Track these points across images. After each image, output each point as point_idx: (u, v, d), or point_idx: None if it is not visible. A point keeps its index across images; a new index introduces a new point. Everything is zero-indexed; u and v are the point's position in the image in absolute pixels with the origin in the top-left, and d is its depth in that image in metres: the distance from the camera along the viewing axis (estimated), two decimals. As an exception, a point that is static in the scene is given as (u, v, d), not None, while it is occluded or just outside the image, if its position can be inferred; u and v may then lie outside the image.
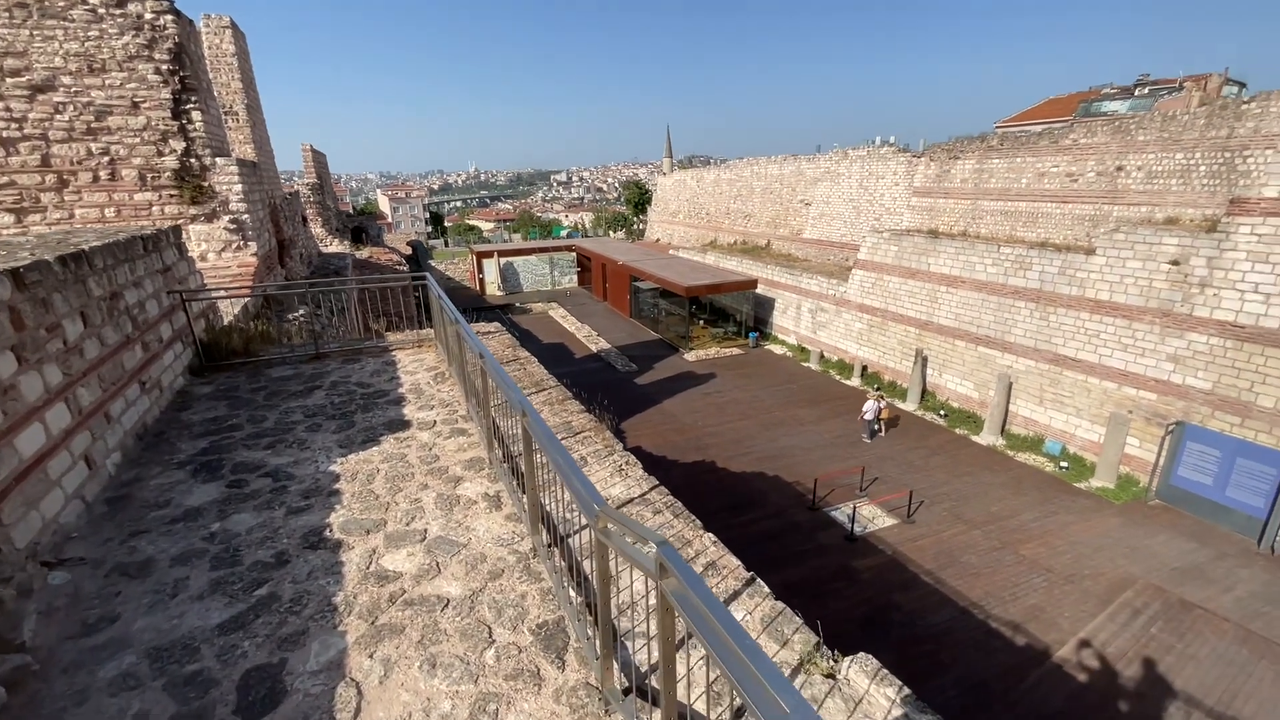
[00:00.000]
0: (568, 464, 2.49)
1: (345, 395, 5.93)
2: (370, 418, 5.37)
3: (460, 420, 5.31)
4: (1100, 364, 15.94)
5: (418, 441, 4.92)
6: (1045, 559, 12.68)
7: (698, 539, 3.53)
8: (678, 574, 1.51)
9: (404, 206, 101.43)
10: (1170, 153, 15.39)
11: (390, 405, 5.66)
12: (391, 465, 4.50)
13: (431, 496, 4.08)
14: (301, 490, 4.12)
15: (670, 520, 3.74)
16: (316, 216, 28.93)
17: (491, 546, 3.54)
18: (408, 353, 7.38)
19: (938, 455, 17.50)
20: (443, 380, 6.36)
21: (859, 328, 23.94)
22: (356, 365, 6.79)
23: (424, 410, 5.56)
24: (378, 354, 7.25)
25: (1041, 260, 17.04)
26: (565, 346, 28.59)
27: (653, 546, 1.61)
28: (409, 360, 7.08)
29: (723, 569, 3.28)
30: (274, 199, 14.74)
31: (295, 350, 7.19)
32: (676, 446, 18.03)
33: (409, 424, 5.24)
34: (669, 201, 47.35)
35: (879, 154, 26.65)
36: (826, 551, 13.20)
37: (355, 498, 4.03)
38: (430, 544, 3.56)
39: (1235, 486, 13.26)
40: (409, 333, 7.94)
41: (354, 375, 6.51)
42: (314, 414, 5.45)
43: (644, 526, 1.74)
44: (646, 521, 3.70)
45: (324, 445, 4.82)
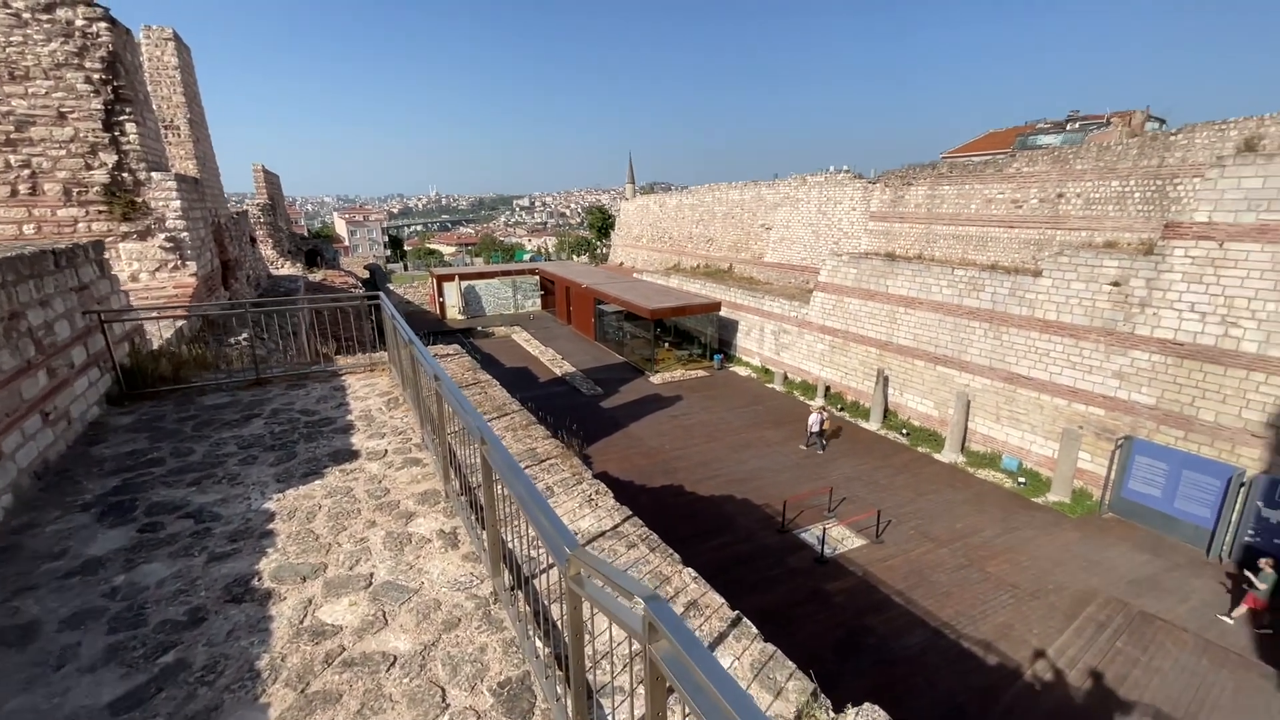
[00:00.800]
0: (533, 498, 2.17)
1: (287, 424, 5.42)
2: (314, 448, 4.89)
3: (414, 449, 4.89)
4: (1051, 381, 16.48)
5: (366, 473, 4.47)
6: (1010, 575, 12.79)
7: (676, 575, 3.23)
8: (671, 637, 1.23)
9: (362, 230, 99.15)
10: (1106, 180, 16.30)
11: (337, 434, 5.19)
12: (335, 501, 4.05)
13: (380, 535, 3.66)
14: (228, 533, 3.63)
15: (646, 555, 3.42)
16: (267, 238, 27.80)
17: (447, 591, 3.15)
18: (359, 377, 6.89)
19: (902, 474, 17.66)
20: (396, 406, 5.91)
21: (821, 349, 24.28)
22: (301, 391, 6.26)
23: (374, 439, 5.11)
24: (325, 379, 6.74)
25: (993, 282, 17.65)
26: (529, 370, 28.02)
27: (639, 602, 1.32)
28: (360, 385, 6.59)
29: (705, 609, 2.98)
30: (218, 218, 13.97)
31: (233, 376, 6.60)
32: (644, 471, 17.68)
33: (357, 454, 4.78)
34: (632, 226, 47.69)
35: (836, 180, 27.47)
36: (798, 575, 12.99)
37: (292, 539, 3.57)
38: (376, 591, 3.15)
39: (1183, 498, 13.75)
40: (360, 356, 7.44)
41: (298, 402, 5.99)
42: (250, 445, 4.93)
43: (628, 577, 1.45)
44: (619, 557, 3.38)
45: (259, 480, 4.32)
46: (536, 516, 2.08)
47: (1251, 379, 12.70)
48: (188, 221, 10.88)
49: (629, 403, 23.76)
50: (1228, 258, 12.80)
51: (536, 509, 2.09)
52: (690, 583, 3.16)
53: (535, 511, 2.10)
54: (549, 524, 1.98)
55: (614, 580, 1.47)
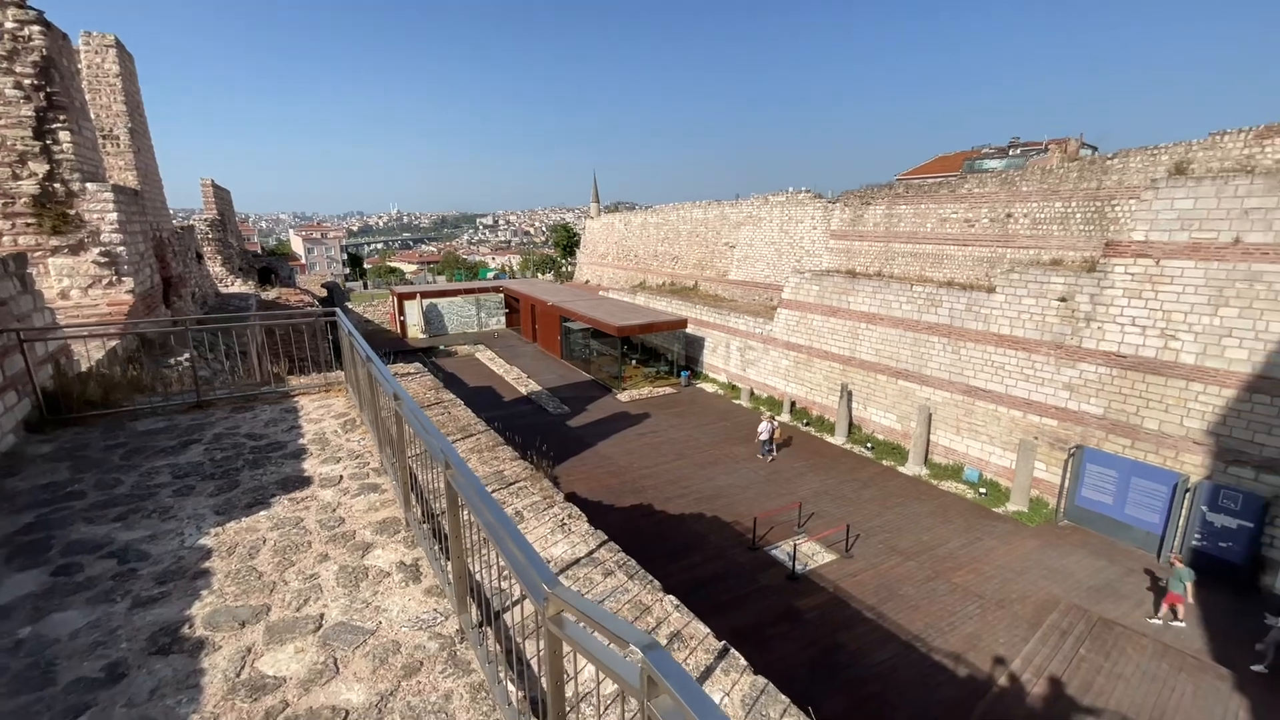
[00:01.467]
0: (504, 527, 1.97)
1: (230, 449, 5.01)
2: (260, 475, 4.51)
3: (372, 474, 4.57)
4: (1007, 394, 17.03)
5: (318, 502, 4.13)
6: (976, 585, 12.97)
7: (658, 604, 3.03)
8: (675, 693, 1.05)
9: (319, 247, 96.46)
10: (1050, 202, 17.14)
11: (286, 459, 4.81)
12: (283, 533, 3.70)
13: (332, 570, 3.34)
14: (156, 574, 3.25)
15: (624, 583, 3.22)
16: (216, 254, 26.61)
17: (408, 631, 2.87)
18: (313, 398, 6.49)
19: (869, 488, 17.86)
20: (353, 428, 5.56)
21: (786, 365, 24.57)
22: (248, 414, 5.83)
23: (328, 464, 4.76)
24: (276, 401, 6.31)
25: (950, 298, 18.23)
26: (494, 389, 27.43)
27: (635, 651, 1.14)
28: (314, 406, 6.20)
29: (690, 640, 2.79)
30: (160, 232, 13.23)
31: (171, 399, 6.11)
32: (613, 490, 17.37)
33: (308, 481, 4.43)
34: (598, 244, 47.75)
35: (797, 200, 28.13)
36: (769, 593, 12.87)
37: (231, 578, 3.22)
38: (327, 634, 2.84)
39: (1133, 504, 14.28)
40: (315, 376, 7.03)
41: (244, 426, 5.57)
42: (186, 474, 4.51)
43: (621, 621, 1.27)
44: (596, 586, 3.16)
45: (195, 512, 3.93)
46: (509, 549, 1.88)
47: (1191, 389, 13.37)
48: (125, 235, 10.23)
49: (597, 421, 23.46)
50: (1164, 274, 13.53)
51: (509, 540, 1.89)
52: (672, 611, 2.97)
53: (507, 543, 1.89)
54: (523, 557, 1.78)
55: (604, 625, 1.29)
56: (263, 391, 6.34)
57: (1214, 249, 12.78)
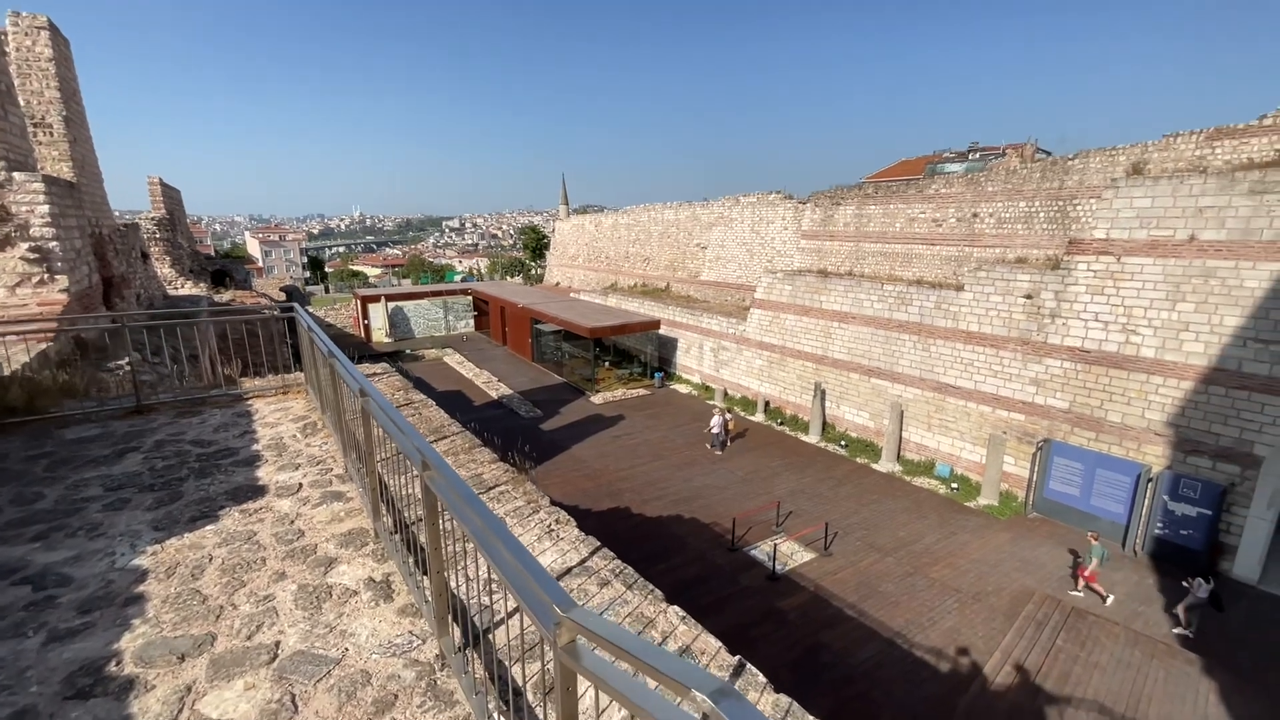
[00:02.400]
0: (496, 532, 1.66)
1: (174, 458, 4.51)
2: (207, 485, 4.05)
3: (335, 481, 4.15)
4: (976, 389, 17.32)
5: (275, 513, 3.71)
6: (953, 580, 13.06)
7: (661, 616, 2.75)
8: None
9: (278, 250, 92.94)
10: (1015, 201, 17.55)
11: (238, 467, 4.35)
12: (232, 550, 3.28)
13: (290, 591, 2.95)
14: (79, 601, 2.81)
15: (622, 593, 2.92)
16: (164, 255, 25.21)
17: (379, 658, 2.51)
18: (269, 401, 5.99)
19: (844, 485, 17.92)
20: (313, 431, 5.11)
21: (759, 365, 24.59)
22: (195, 420, 5.31)
23: (286, 471, 4.32)
24: (227, 404, 5.79)
25: (920, 296, 18.48)
26: (463, 394, 26.71)
27: (700, 698, 0.86)
28: (270, 410, 5.71)
29: (701, 655, 2.52)
30: (100, 229, 12.32)
31: (106, 404, 5.53)
32: (589, 494, 16.99)
33: (263, 490, 3.99)
34: (568, 245, 47.25)
35: (768, 200, 28.27)
36: (751, 594, 12.70)
37: (169, 604, 2.80)
38: (284, 665, 2.46)
39: (1098, 495, 14.64)
40: (272, 378, 6.50)
41: (190, 432, 5.05)
42: (121, 485, 4.01)
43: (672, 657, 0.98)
44: (592, 598, 2.86)
45: (129, 529, 3.47)
46: (503, 560, 1.57)
47: (1151, 382, 13.77)
48: (58, 230, 9.43)
49: (570, 424, 23.04)
50: (1125, 271, 13.93)
51: (504, 549, 1.58)
52: (679, 624, 2.69)
53: (502, 553, 1.58)
54: (523, 570, 1.47)
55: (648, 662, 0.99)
56: (212, 395, 5.81)
57: (1171, 246, 13.20)
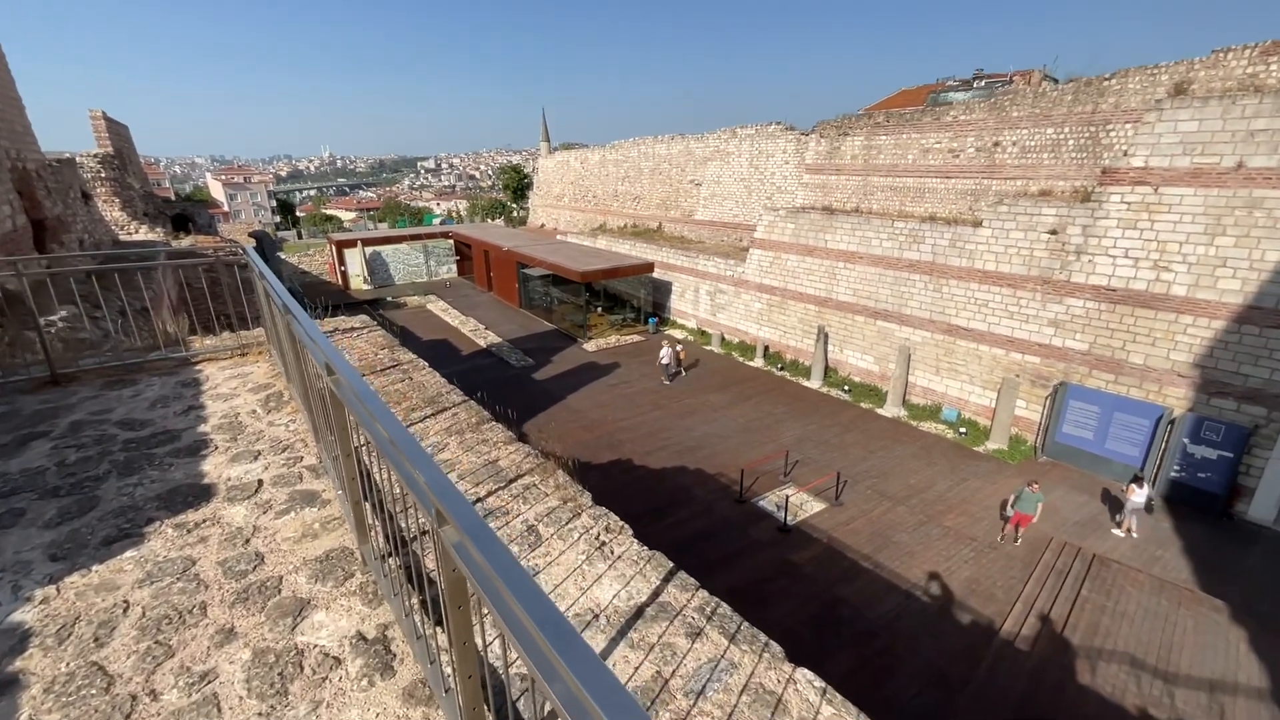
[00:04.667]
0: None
1: (94, 445, 3.52)
2: (133, 488, 3.09)
3: (307, 475, 3.21)
4: (989, 332, 16.63)
5: (224, 527, 2.78)
6: (967, 528, 12.75)
7: (791, 691, 1.91)
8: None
9: (243, 193, 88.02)
10: (1042, 128, 16.29)
11: (178, 458, 3.38)
12: (159, 591, 2.36)
13: (241, 662, 2.06)
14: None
15: (724, 649, 2.07)
16: (113, 196, 23.04)
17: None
18: (224, 365, 4.95)
19: (850, 431, 17.46)
20: (278, 405, 4.12)
21: (759, 308, 23.67)
22: (128, 392, 4.28)
23: (242, 462, 3.37)
24: (170, 370, 4.75)
25: (933, 234, 17.45)
26: (450, 343, 25.56)
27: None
28: (225, 377, 4.68)
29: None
30: (23, 163, 10.69)
31: (11, 375, 4.46)
32: (588, 446, 16.32)
33: (210, 492, 3.05)
34: (552, 184, 44.88)
35: (768, 132, 26.50)
36: (762, 547, 12.30)
37: (53, 695, 1.90)
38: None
39: (1113, 439, 14.28)
40: (227, 336, 5.42)
41: (119, 408, 4.04)
42: (13, 491, 3.03)
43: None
44: (682, 660, 2.01)
45: (15, 560, 2.52)
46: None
47: (1180, 321, 13.12)
48: (-36, 162, 7.96)
49: (564, 373, 22.17)
50: (1162, 202, 12.98)
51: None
52: (820, 705, 1.85)
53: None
54: None
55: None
56: (151, 359, 4.74)
57: (1215, 174, 12.22)
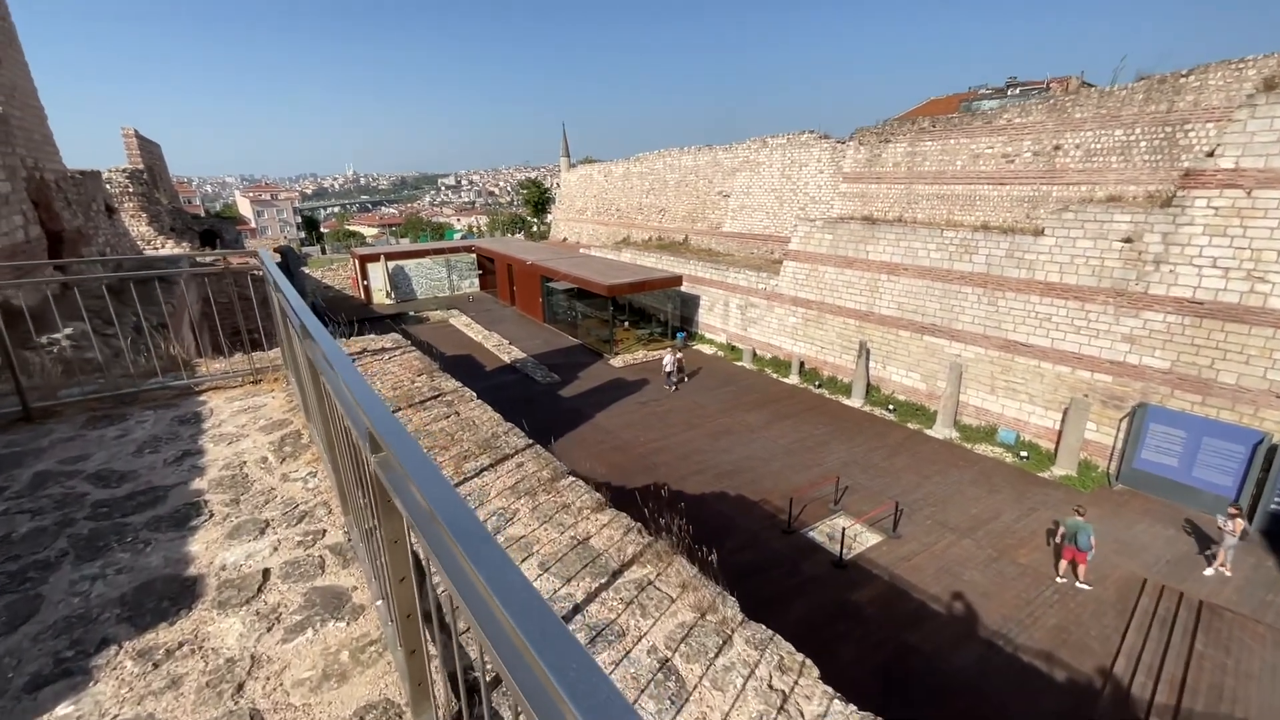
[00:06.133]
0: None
1: (54, 510, 2.69)
2: (90, 581, 2.23)
3: (329, 558, 2.35)
4: (1053, 348, 15.42)
5: (207, 658, 1.89)
6: (1044, 565, 11.53)
7: None
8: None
9: (270, 210, 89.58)
10: (1109, 129, 15.18)
11: (159, 531, 2.55)
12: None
13: None
14: None
15: None
16: (140, 211, 22.97)
17: None
18: (233, 396, 4.16)
19: (900, 454, 16.29)
20: (295, 450, 3.29)
21: (793, 322, 22.66)
22: (113, 430, 3.49)
23: (243, 538, 2.52)
24: (168, 402, 3.97)
25: (987, 243, 16.36)
26: (474, 359, 24.93)
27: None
28: (232, 411, 3.88)
29: None
30: (41, 172, 10.24)
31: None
32: (622, 469, 15.38)
33: (194, 590, 2.19)
34: (574, 198, 44.51)
35: (801, 141, 25.66)
36: (817, 584, 11.21)
37: None
38: None
39: (1202, 466, 12.94)
40: (239, 359, 4.64)
41: (99, 452, 3.24)
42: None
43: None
44: None
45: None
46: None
47: (1279, 337, 11.85)
48: (-28, 169, 7.43)
49: (591, 390, 21.34)
50: (1256, 207, 11.80)
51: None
52: None
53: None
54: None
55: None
56: (146, 388, 3.95)
57: (1321, 175, 11.04)
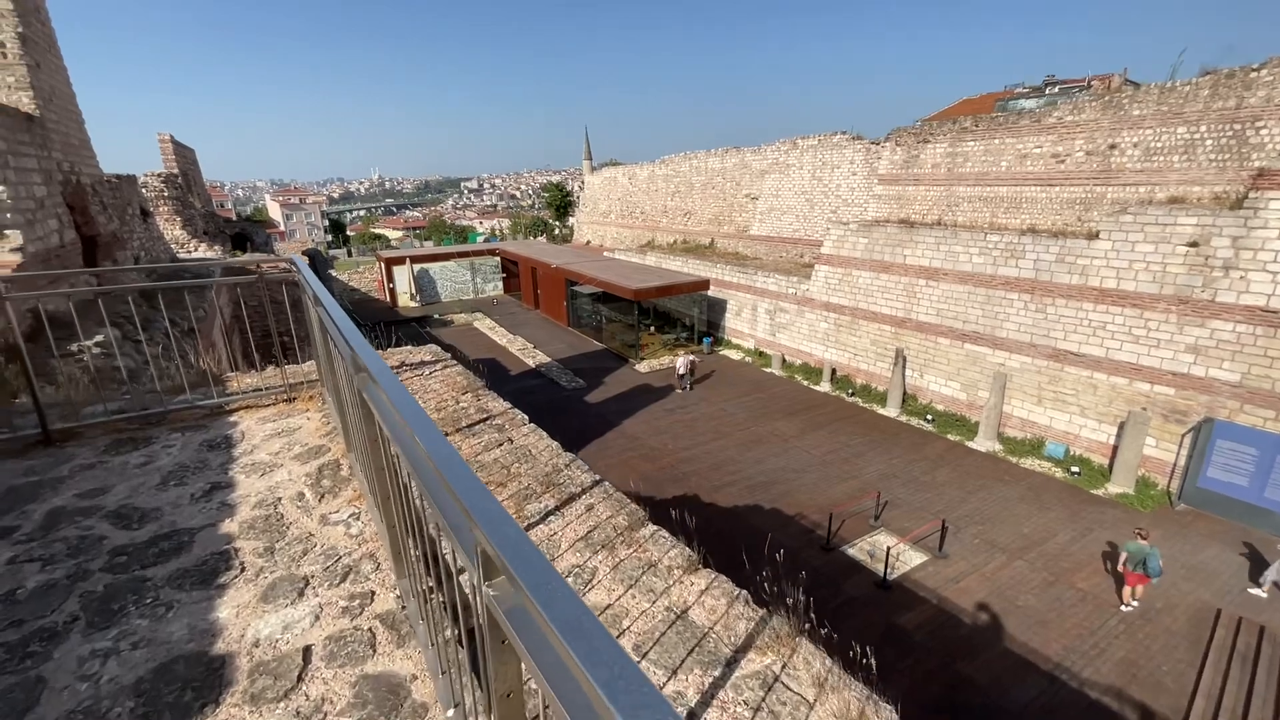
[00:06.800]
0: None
1: (67, 558, 2.37)
2: (103, 657, 1.89)
3: (382, 634, 1.97)
4: (1107, 358, 14.59)
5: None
6: (1106, 591, 10.79)
7: None
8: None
9: (298, 214, 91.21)
10: (1170, 127, 14.34)
11: (183, 589, 2.20)
12: None
13: None
14: None
15: None
16: (174, 215, 23.30)
17: None
18: (265, 416, 3.83)
19: (941, 467, 15.57)
20: (335, 486, 2.93)
21: (825, 328, 22.01)
22: (138, 456, 3.18)
23: (279, 601, 2.15)
24: (199, 422, 3.66)
25: (1036, 247, 15.59)
26: (498, 363, 24.72)
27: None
28: (266, 435, 3.56)
29: None
30: (78, 176, 10.22)
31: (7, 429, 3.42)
32: (651, 479, 14.94)
33: (221, 676, 1.82)
34: (598, 201, 44.28)
35: (832, 143, 25.01)
36: (860, 606, 10.63)
37: None
38: None
39: (1275, 486, 12.06)
40: (271, 373, 4.33)
41: (121, 484, 2.92)
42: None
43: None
44: None
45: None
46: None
47: (1367, 350, 10.96)
48: (9, 172, 7.34)
49: (617, 395, 20.96)
50: (1341, 209, 10.94)
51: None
52: None
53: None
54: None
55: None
56: (174, 407, 3.65)
57: None
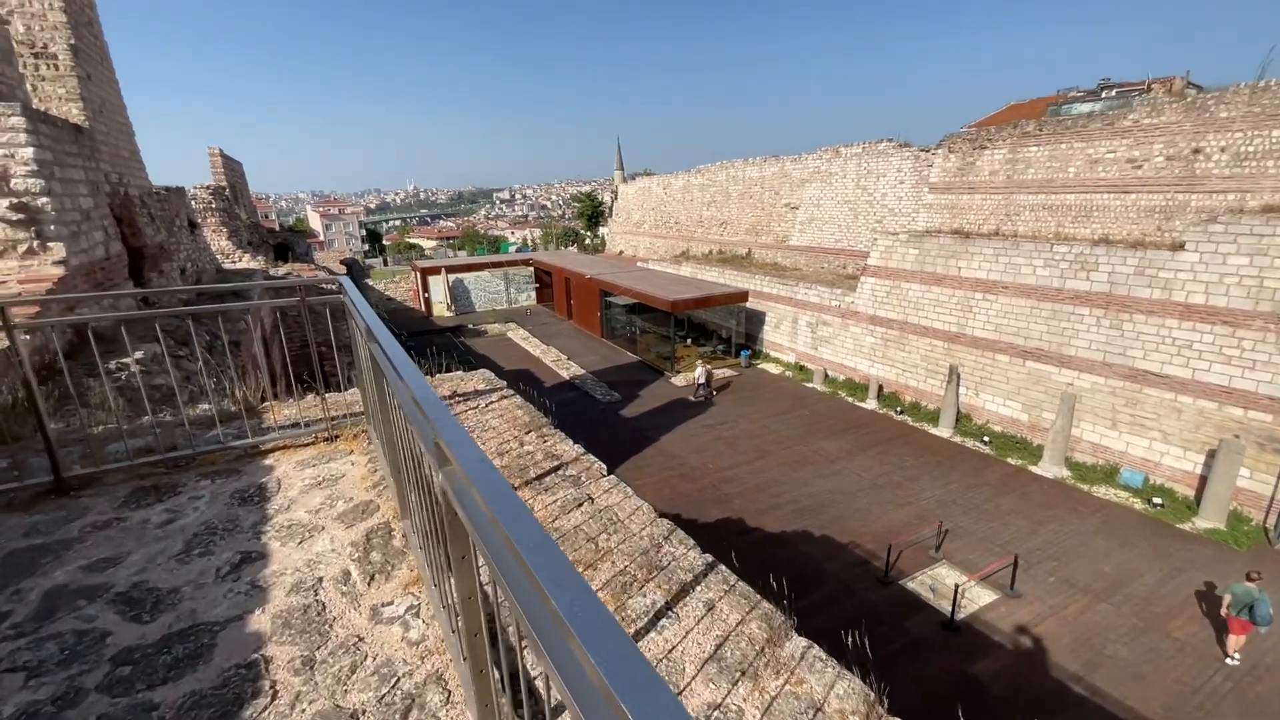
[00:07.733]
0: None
1: (58, 667, 1.91)
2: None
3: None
4: (1194, 380, 13.38)
5: None
6: (1207, 644, 9.67)
7: None
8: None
9: (338, 224, 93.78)
10: (1264, 130, 13.17)
11: (201, 714, 1.71)
12: None
13: None
14: None
15: None
16: (221, 227, 23.75)
17: None
18: (304, 460, 3.35)
19: (1005, 494, 14.50)
20: (387, 563, 2.41)
21: (871, 342, 21.04)
22: (159, 510, 2.72)
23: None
24: (229, 466, 3.20)
25: (1111, 258, 14.47)
26: (532, 373, 24.42)
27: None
28: (304, 484, 3.07)
29: None
30: (124, 187, 10.19)
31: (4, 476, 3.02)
32: (692, 500, 14.29)
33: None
34: (632, 211, 44.00)
35: (878, 150, 24.12)
36: (927, 650, 9.75)
37: None
38: None
39: (1401, 528, 10.73)
40: (310, 402, 3.86)
41: (136, 552, 2.46)
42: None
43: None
44: None
45: None
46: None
47: None
48: (55, 183, 7.18)
49: (654, 410, 20.37)
50: None
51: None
52: None
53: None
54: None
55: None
56: (202, 450, 3.19)
57: None
